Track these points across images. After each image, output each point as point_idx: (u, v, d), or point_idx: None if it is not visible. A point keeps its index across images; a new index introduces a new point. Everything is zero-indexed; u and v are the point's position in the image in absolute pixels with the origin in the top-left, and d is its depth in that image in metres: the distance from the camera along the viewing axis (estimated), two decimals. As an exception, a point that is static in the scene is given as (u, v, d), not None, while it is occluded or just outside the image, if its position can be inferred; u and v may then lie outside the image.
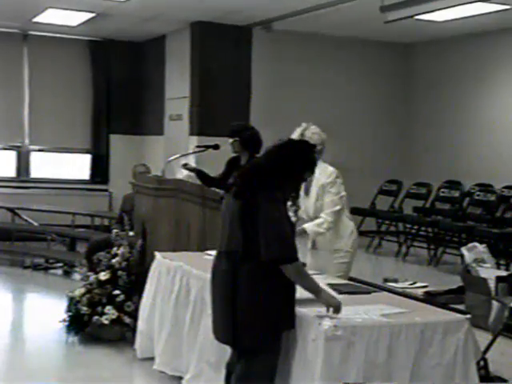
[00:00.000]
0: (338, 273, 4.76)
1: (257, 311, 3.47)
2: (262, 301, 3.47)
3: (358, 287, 4.27)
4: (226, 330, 3.58)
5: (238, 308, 3.48)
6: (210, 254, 4.74)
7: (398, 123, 11.56)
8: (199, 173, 6.13)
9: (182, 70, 10.56)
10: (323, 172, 4.78)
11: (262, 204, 3.42)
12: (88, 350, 5.53)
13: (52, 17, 9.82)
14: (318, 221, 4.76)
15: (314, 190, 4.81)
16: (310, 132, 4.83)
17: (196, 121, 10.24)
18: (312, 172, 3.73)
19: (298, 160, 3.57)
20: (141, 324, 5.12)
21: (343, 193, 4.84)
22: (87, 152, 11.80)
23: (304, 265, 3.95)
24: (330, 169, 4.83)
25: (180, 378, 4.57)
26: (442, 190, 10.11)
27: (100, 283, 5.65)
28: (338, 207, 4.77)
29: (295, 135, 4.81)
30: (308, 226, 4.75)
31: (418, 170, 11.13)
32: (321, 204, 4.80)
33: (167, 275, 4.82)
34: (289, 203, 3.85)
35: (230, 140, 6.13)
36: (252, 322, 3.48)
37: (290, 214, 3.69)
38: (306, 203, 4.87)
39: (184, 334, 4.52)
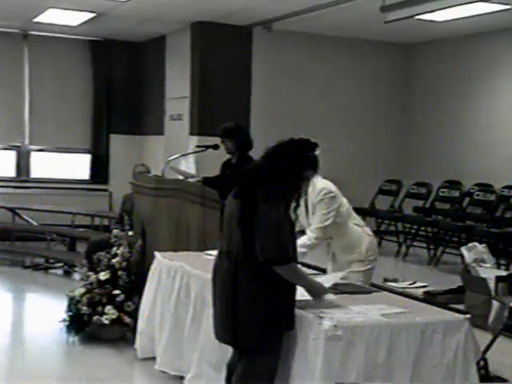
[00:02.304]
0: (356, 282, 4.55)
1: (257, 311, 3.47)
2: (263, 301, 3.47)
3: (358, 287, 4.27)
4: (226, 329, 3.58)
5: (238, 308, 3.48)
6: (210, 254, 4.74)
7: (398, 123, 11.55)
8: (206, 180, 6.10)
9: (182, 70, 10.56)
10: (313, 190, 4.60)
11: (260, 204, 3.43)
12: (88, 349, 5.53)
13: (52, 17, 9.81)
14: (301, 240, 4.53)
15: (310, 206, 4.68)
16: None
17: (196, 121, 10.24)
18: (315, 171, 3.71)
19: (297, 159, 3.56)
20: (141, 324, 5.12)
21: (334, 207, 4.58)
22: (87, 152, 11.80)
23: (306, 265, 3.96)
24: (319, 186, 4.60)
25: (182, 378, 4.57)
26: (442, 189, 10.11)
27: (100, 283, 5.65)
28: (326, 223, 4.57)
29: None
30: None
31: (418, 170, 11.12)
32: None
33: (167, 275, 4.82)
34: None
35: (221, 140, 6.19)
36: (252, 322, 3.48)
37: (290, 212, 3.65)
38: (307, 217, 4.72)
39: (185, 334, 4.52)
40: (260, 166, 3.60)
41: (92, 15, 9.64)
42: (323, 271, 4.74)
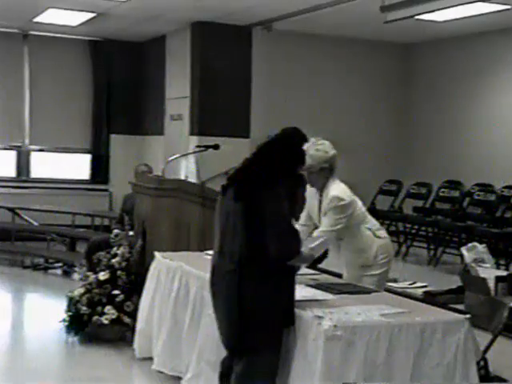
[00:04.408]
0: (370, 285, 4.49)
1: (263, 310, 3.50)
2: (267, 299, 3.50)
3: (358, 287, 4.27)
4: (229, 329, 3.59)
5: (243, 307, 3.49)
6: (210, 254, 4.73)
7: (398, 123, 11.55)
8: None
9: (182, 70, 10.56)
10: (326, 196, 4.53)
11: (266, 204, 3.46)
12: (88, 350, 5.53)
13: (52, 17, 9.81)
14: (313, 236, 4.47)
15: (322, 208, 4.60)
16: (313, 149, 4.48)
17: (196, 121, 10.23)
18: (302, 164, 3.72)
19: (286, 155, 3.60)
20: (139, 324, 5.11)
21: (345, 214, 4.49)
22: (87, 152, 11.79)
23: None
24: (331, 194, 4.52)
25: (179, 378, 4.56)
26: (442, 189, 10.11)
27: (100, 283, 5.64)
28: (334, 227, 4.46)
29: None
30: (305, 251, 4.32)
31: (418, 170, 11.12)
32: None
33: (167, 275, 4.82)
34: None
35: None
36: (258, 321, 3.51)
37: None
38: (319, 217, 4.65)
39: (183, 334, 4.52)
40: (257, 166, 3.60)
41: (92, 15, 9.64)
42: (339, 276, 4.68)
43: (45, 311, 6.98)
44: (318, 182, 4.59)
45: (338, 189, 4.57)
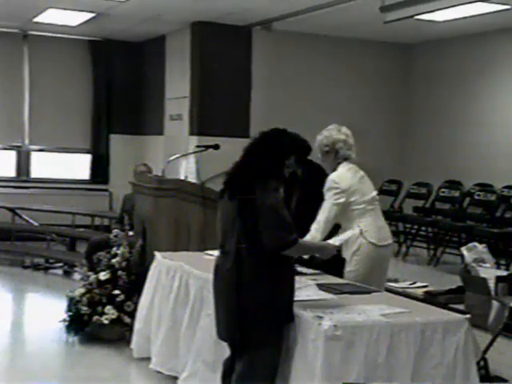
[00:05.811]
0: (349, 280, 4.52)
1: (263, 306, 3.50)
2: (268, 295, 3.51)
3: (358, 287, 4.27)
4: (230, 326, 3.59)
5: (243, 305, 3.50)
6: (210, 254, 4.75)
7: (398, 123, 11.55)
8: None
9: (182, 70, 10.56)
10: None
11: (258, 198, 3.49)
12: (88, 349, 5.53)
13: (52, 17, 9.81)
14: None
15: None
16: (319, 136, 4.68)
17: (196, 121, 10.23)
18: (294, 155, 3.73)
19: (274, 148, 3.65)
20: (138, 323, 5.11)
21: (336, 201, 4.54)
22: (87, 152, 11.80)
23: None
24: (330, 176, 4.61)
25: (176, 379, 4.56)
26: (442, 189, 10.11)
27: (100, 283, 5.65)
28: (326, 214, 4.50)
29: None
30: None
31: (417, 170, 11.12)
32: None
33: (167, 275, 4.82)
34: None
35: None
36: (258, 319, 3.51)
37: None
38: None
39: (181, 334, 4.52)
40: (246, 166, 3.64)
41: (91, 15, 9.64)
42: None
43: (45, 311, 6.97)
44: (329, 167, 4.68)
45: (339, 173, 4.64)
